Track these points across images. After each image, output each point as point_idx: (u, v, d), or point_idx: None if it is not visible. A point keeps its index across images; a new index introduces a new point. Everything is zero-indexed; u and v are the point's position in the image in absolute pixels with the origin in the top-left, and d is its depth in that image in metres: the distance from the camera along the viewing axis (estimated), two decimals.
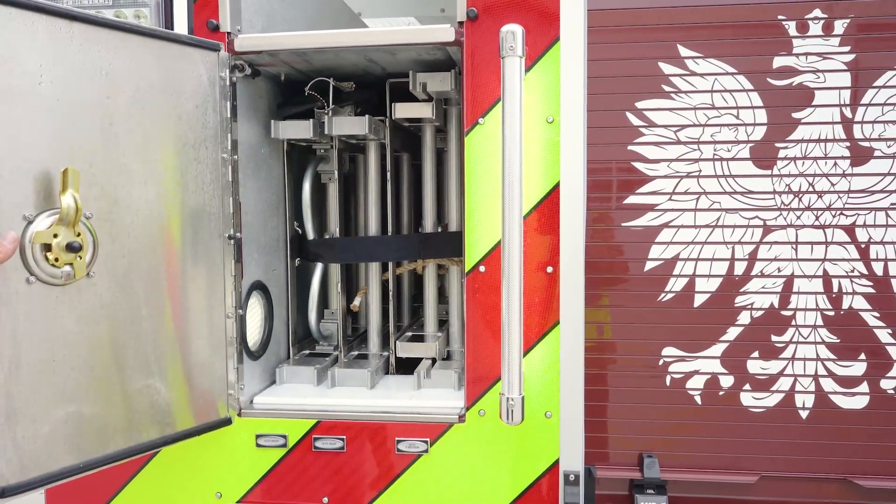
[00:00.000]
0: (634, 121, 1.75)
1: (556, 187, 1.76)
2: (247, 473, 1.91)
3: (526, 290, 1.79)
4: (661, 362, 1.78)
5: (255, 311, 2.03)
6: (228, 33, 1.85)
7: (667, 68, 1.73)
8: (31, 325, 1.42)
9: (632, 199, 1.76)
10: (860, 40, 1.67)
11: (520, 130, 1.63)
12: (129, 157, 1.58)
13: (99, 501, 1.94)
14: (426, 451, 1.85)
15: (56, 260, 1.42)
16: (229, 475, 1.91)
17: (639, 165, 1.75)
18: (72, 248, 1.43)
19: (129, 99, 1.58)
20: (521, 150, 1.64)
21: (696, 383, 1.77)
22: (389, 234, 2.26)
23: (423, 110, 2.06)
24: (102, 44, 1.52)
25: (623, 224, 1.77)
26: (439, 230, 2.24)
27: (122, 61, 1.56)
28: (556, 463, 1.81)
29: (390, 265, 2.25)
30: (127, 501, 1.95)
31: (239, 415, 1.89)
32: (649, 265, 1.76)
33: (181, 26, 1.84)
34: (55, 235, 1.41)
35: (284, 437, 1.89)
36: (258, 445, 1.90)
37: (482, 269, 1.79)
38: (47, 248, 1.41)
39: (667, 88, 1.73)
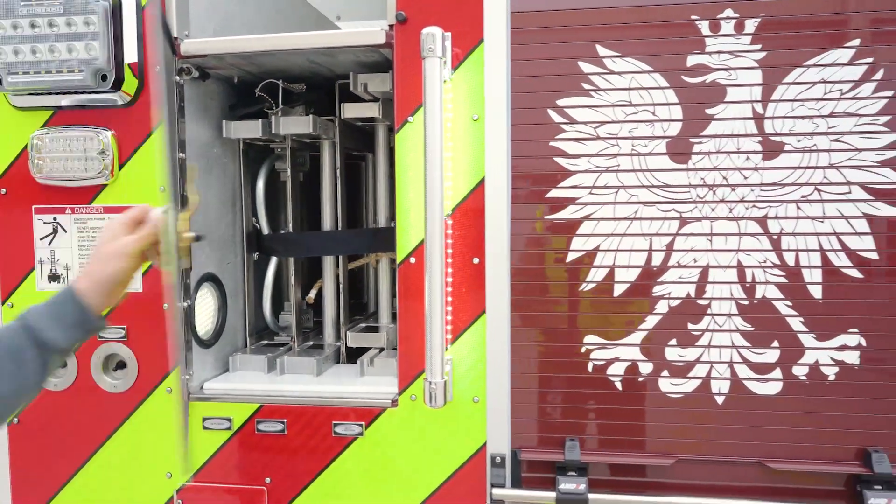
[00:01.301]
0: (556, 118, 1.82)
1: (482, 182, 1.85)
2: (195, 455, 2.01)
3: (454, 281, 1.87)
4: (583, 350, 1.85)
5: (206, 302, 2.14)
6: (175, 38, 1.96)
7: (586, 67, 1.80)
8: None
9: (554, 193, 1.83)
10: (770, 38, 1.73)
11: (440, 127, 1.72)
12: None
13: (56, 482, 2.06)
14: (361, 433, 1.94)
15: None
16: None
17: (560, 160, 1.83)
18: (198, 239, 1.48)
19: None
20: (442, 147, 1.73)
21: (617, 370, 1.84)
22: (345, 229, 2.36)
23: (370, 110, 2.16)
24: None
25: (546, 217, 1.84)
26: (392, 225, 2.33)
27: None
28: (484, 446, 1.89)
29: (341, 259, 2.35)
30: (83, 482, 2.06)
31: (188, 399, 2.00)
32: (571, 256, 1.84)
33: (130, 32, 1.94)
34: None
35: (229, 420, 1.99)
36: (205, 428, 2.00)
37: (412, 260, 1.87)
38: None
39: (586, 86, 1.80)
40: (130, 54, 1.94)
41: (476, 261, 1.86)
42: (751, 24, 1.74)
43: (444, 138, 1.74)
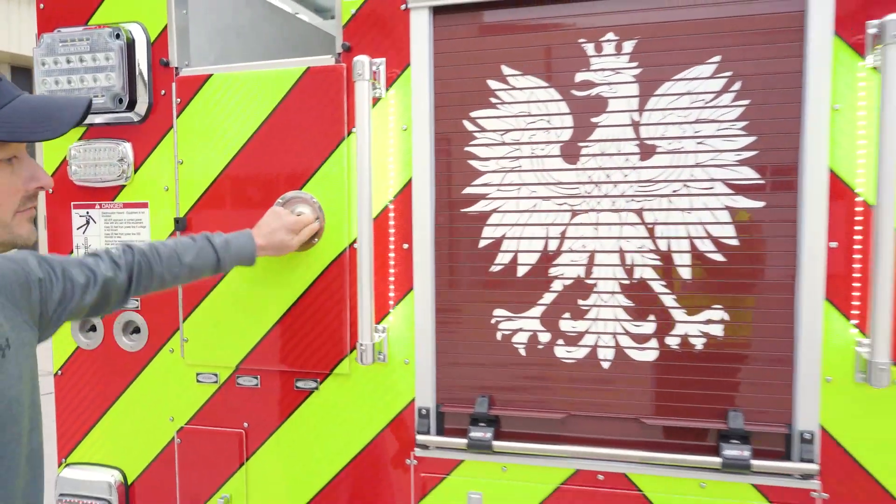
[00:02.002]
0: (469, 127, 2.18)
1: (410, 181, 2.23)
2: (191, 403, 2.50)
3: (387, 263, 2.27)
4: (493, 321, 2.20)
5: None
6: (176, 68, 2.45)
7: (494, 84, 2.15)
8: None
9: (468, 190, 2.20)
10: (644, 57, 2.03)
11: (368, 137, 2.13)
12: None
13: (88, 422, 2.60)
14: (317, 388, 2.36)
15: None
16: (179, 404, 2.51)
17: (473, 163, 2.19)
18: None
19: None
20: (370, 153, 2.14)
21: (521, 338, 2.18)
22: None
23: None
24: None
25: (462, 210, 2.21)
26: None
27: None
28: (413, 400, 2.28)
29: None
30: (108, 423, 2.59)
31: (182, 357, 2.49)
32: (482, 243, 2.19)
33: (143, 64, 2.45)
34: None
35: (216, 375, 2.46)
36: (198, 381, 2.48)
37: (356, 246, 2.28)
38: None
39: (493, 100, 2.16)
40: (142, 82, 2.45)
41: (405, 246, 2.25)
42: (628, 45, 2.05)
43: (371, 146, 2.14)
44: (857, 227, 1.91)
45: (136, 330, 2.55)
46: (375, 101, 2.23)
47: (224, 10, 2.72)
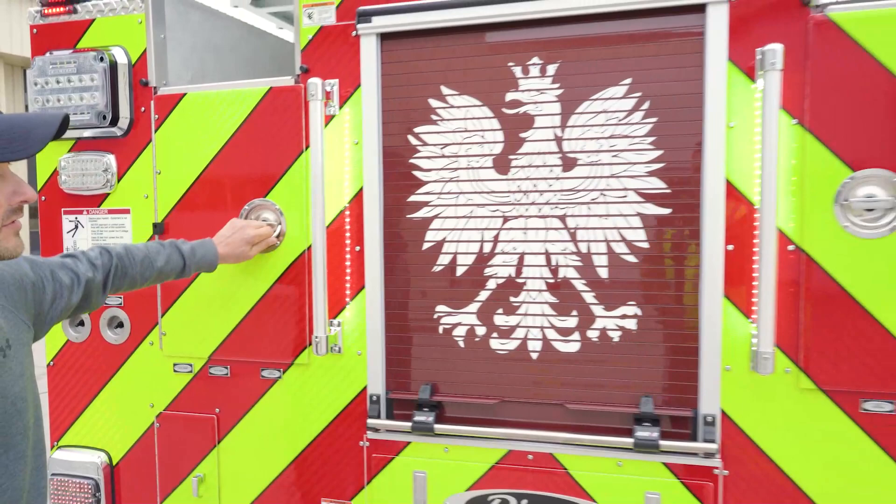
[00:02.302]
0: (413, 141, 2.42)
1: (361, 190, 2.47)
2: (169, 391, 2.76)
3: (343, 264, 2.51)
4: (435, 316, 2.44)
5: None
6: (155, 87, 2.70)
7: (434, 103, 2.39)
8: None
9: (412, 198, 2.44)
10: (565, 78, 2.26)
11: (321, 152, 2.38)
12: None
13: (78, 408, 2.86)
14: (280, 377, 2.61)
15: None
16: (158, 391, 2.77)
17: (417, 173, 2.43)
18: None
19: None
20: (322, 165, 2.39)
21: (460, 332, 2.42)
22: None
23: None
24: None
25: (407, 216, 2.45)
26: None
27: None
28: (365, 388, 2.52)
29: None
30: (95, 408, 2.85)
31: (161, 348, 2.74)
32: (425, 245, 2.43)
33: (124, 85, 2.70)
34: None
35: (191, 365, 2.72)
36: (175, 371, 2.74)
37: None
38: None
39: (434, 117, 2.40)
40: (124, 100, 2.70)
41: (358, 248, 2.49)
42: (551, 69, 2.28)
43: (323, 160, 2.39)
44: (753, 232, 2.13)
45: (120, 325, 2.81)
46: (330, 118, 2.48)
47: (201, 32, 2.97)
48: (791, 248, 2.09)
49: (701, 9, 2.12)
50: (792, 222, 2.09)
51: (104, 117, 2.67)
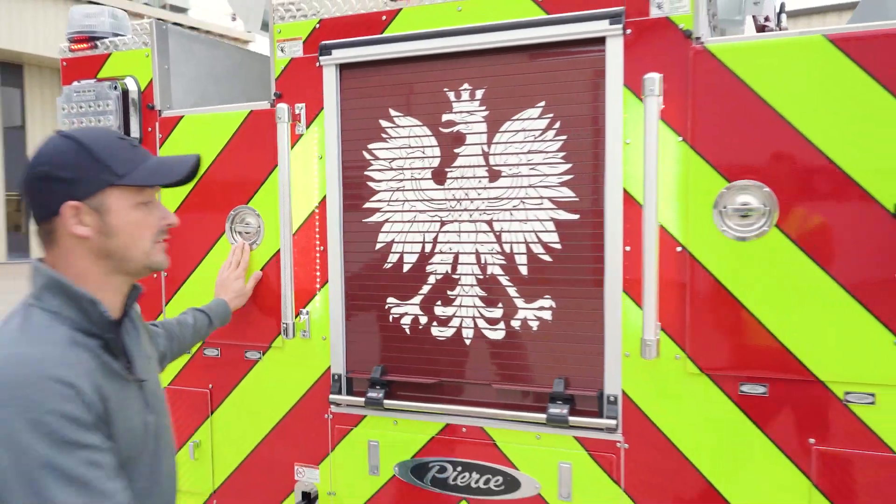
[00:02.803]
0: (367, 156, 2.81)
1: (324, 199, 2.88)
2: (170, 369, 3.23)
3: (313, 260, 2.92)
4: (386, 307, 2.83)
5: None
6: (159, 110, 3.18)
7: (384, 123, 2.78)
8: None
9: (367, 205, 2.83)
10: (491, 101, 2.61)
11: (287, 168, 2.80)
12: None
13: None
14: (261, 358, 3.05)
15: None
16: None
17: (370, 184, 2.82)
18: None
19: None
20: (289, 178, 2.81)
21: (406, 321, 2.80)
22: None
23: None
24: None
25: (363, 220, 2.84)
26: None
27: None
28: (328, 369, 2.93)
29: None
30: None
31: None
32: (377, 246, 2.82)
33: (134, 109, 3.18)
34: None
35: None
36: None
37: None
38: None
39: (384, 136, 2.78)
40: (135, 121, 3.19)
41: (321, 248, 2.90)
42: (479, 93, 2.63)
43: (289, 175, 2.81)
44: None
45: None
46: (299, 136, 2.89)
47: (204, 60, 3.43)
48: (679, 249, 2.39)
49: (601, 41, 2.43)
50: (679, 226, 2.39)
51: None
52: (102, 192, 1.56)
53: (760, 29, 4.49)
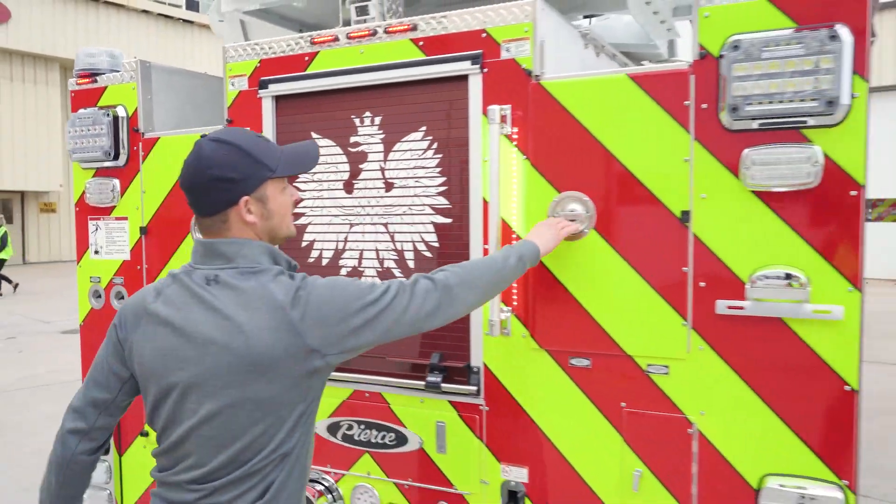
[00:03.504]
0: None
1: None
2: None
3: None
4: None
5: None
6: (143, 133, 3.90)
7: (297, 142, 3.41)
8: None
9: (294, 210, 3.46)
10: (387, 126, 3.21)
11: None
12: None
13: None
14: None
15: None
16: None
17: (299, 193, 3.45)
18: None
19: None
20: None
21: None
22: None
23: None
24: None
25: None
26: None
27: None
28: None
29: None
30: None
31: None
32: (303, 244, 3.45)
33: (124, 133, 3.91)
34: None
35: None
36: None
37: None
38: None
39: None
40: (124, 142, 3.91)
41: None
42: (377, 119, 3.24)
43: None
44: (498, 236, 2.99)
45: (122, 297, 4.03)
46: None
47: (183, 89, 4.15)
48: None
49: (465, 78, 3.00)
50: (524, 229, 2.93)
51: (109, 154, 3.90)
52: (263, 185, 1.93)
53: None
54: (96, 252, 4.10)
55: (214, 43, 28.40)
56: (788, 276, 2.48)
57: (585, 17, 4.41)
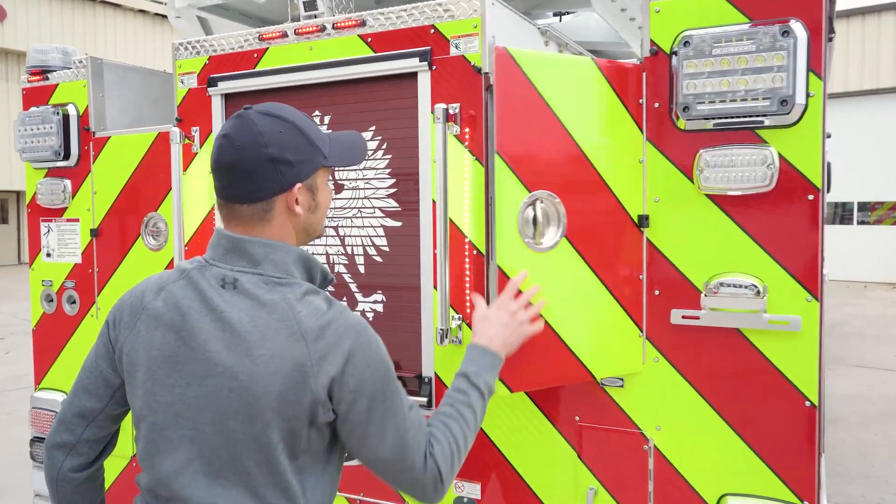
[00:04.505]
0: None
1: (213, 207, 3.40)
2: None
3: None
4: None
5: None
6: (93, 132, 3.77)
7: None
8: None
9: None
10: (336, 125, 3.08)
11: (178, 183, 3.32)
12: None
13: (48, 364, 3.98)
14: None
15: None
16: None
17: None
18: None
19: None
20: (180, 190, 3.33)
21: None
22: None
23: None
24: None
25: None
26: None
27: None
28: None
29: None
30: (60, 364, 3.96)
31: None
32: None
33: (74, 132, 3.79)
34: None
35: None
36: None
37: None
38: None
39: None
40: (75, 141, 3.79)
41: None
42: (327, 119, 3.10)
43: (181, 189, 3.33)
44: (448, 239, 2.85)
45: (74, 301, 3.91)
46: (195, 155, 3.43)
47: (140, 87, 4.02)
48: (473, 251, 2.80)
49: (414, 76, 2.87)
50: (474, 231, 2.79)
51: (59, 153, 3.77)
52: (315, 173, 1.68)
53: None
54: (48, 255, 3.98)
55: (131, 23, 28.57)
56: (744, 285, 2.34)
57: (555, 14, 4.27)
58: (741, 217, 2.35)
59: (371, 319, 3.06)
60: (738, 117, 2.27)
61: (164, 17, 31.15)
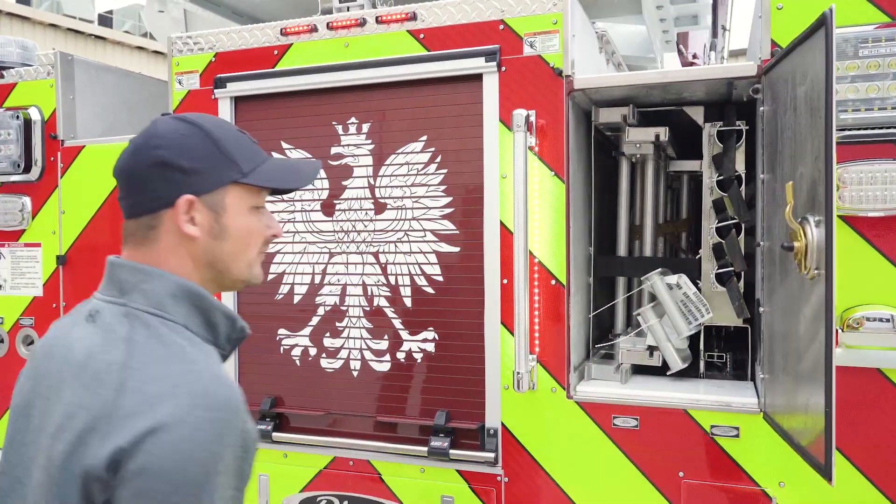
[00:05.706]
0: None
1: None
2: None
3: None
4: (277, 338, 2.82)
5: None
6: (62, 140, 3.17)
7: (276, 155, 2.80)
8: None
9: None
10: (376, 135, 2.64)
11: None
12: None
13: (3, 411, 3.30)
14: None
15: None
16: None
17: None
18: None
19: None
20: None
21: (297, 352, 2.79)
22: None
23: None
24: None
25: None
26: None
27: None
28: None
29: None
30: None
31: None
32: (270, 277, 2.82)
33: (38, 140, 3.18)
34: None
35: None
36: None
37: None
38: None
39: None
40: (38, 151, 3.18)
41: None
42: (365, 127, 2.66)
43: None
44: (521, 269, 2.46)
45: (32, 342, 3.26)
46: None
47: (114, 91, 3.44)
48: (553, 282, 2.42)
49: (478, 77, 2.48)
50: (555, 261, 2.41)
51: (18, 165, 3.15)
52: (224, 188, 1.35)
53: (687, 64, 4.62)
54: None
55: (128, 60, 26.83)
56: (885, 318, 2.06)
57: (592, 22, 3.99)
58: (881, 241, 2.08)
59: (419, 361, 2.61)
60: (884, 128, 2.00)
61: (78, 32, 29.40)
